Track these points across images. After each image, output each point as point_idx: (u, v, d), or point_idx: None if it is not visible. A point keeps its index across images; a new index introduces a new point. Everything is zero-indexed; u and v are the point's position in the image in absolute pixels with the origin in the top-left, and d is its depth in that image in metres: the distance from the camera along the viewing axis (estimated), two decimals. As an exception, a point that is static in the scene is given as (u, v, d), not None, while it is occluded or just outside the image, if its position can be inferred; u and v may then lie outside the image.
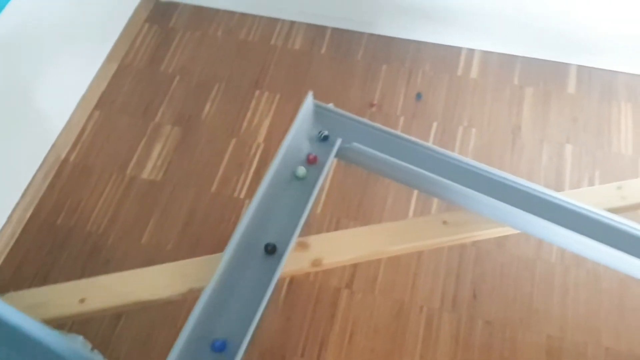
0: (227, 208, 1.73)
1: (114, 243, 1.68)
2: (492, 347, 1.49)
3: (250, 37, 2.10)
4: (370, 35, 2.10)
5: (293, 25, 2.12)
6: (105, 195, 1.76)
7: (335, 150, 1.03)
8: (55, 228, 1.70)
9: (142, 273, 0.92)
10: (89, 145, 1.85)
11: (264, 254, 0.92)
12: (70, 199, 1.75)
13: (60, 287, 0.91)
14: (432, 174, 0.99)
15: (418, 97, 1.95)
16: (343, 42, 2.09)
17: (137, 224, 1.71)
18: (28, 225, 1.70)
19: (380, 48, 2.07)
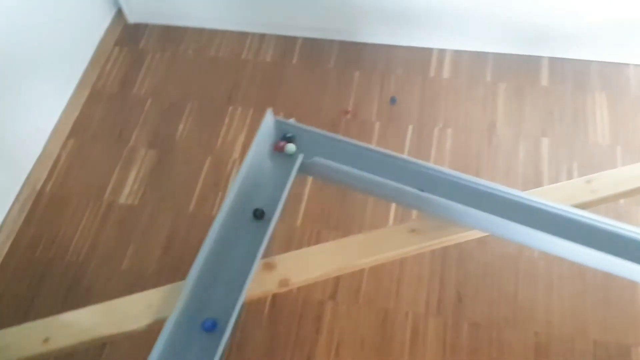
0: (206, 227, 1.67)
1: (95, 271, 1.66)
2: (479, 349, 1.48)
3: (221, 53, 2.09)
4: (341, 43, 2.10)
5: (263, 38, 2.12)
6: (84, 224, 1.74)
7: (298, 166, 1.02)
8: (35, 261, 1.68)
9: (106, 307, 0.91)
10: (65, 175, 1.84)
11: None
12: (48, 230, 1.74)
13: (23, 328, 0.89)
14: (395, 183, 0.98)
15: (392, 101, 1.95)
16: (314, 51, 2.08)
17: (116, 250, 1.69)
18: (6, 261, 1.68)
19: (352, 55, 2.07)
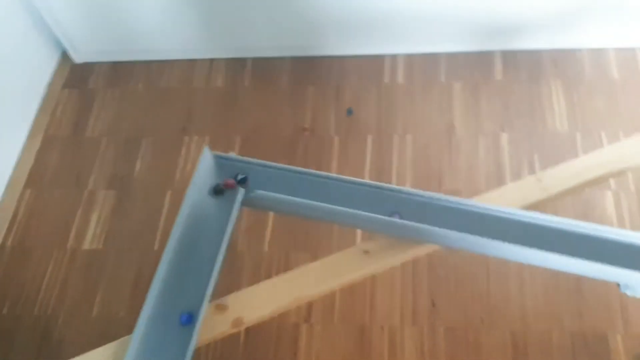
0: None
1: (65, 322, 1.63)
2: (457, 353, 1.47)
3: (171, 83, 2.06)
4: (293, 59, 2.08)
5: (212, 64, 2.09)
6: (49, 274, 1.71)
7: (240, 201, 1.00)
8: (2, 319, 1.65)
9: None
10: (25, 227, 1.80)
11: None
12: (13, 285, 1.70)
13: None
14: (338, 207, 0.97)
15: (349, 112, 1.94)
16: (266, 71, 2.06)
17: (85, 298, 1.66)
18: (-28, 322, 1.65)
19: (304, 70, 2.05)
